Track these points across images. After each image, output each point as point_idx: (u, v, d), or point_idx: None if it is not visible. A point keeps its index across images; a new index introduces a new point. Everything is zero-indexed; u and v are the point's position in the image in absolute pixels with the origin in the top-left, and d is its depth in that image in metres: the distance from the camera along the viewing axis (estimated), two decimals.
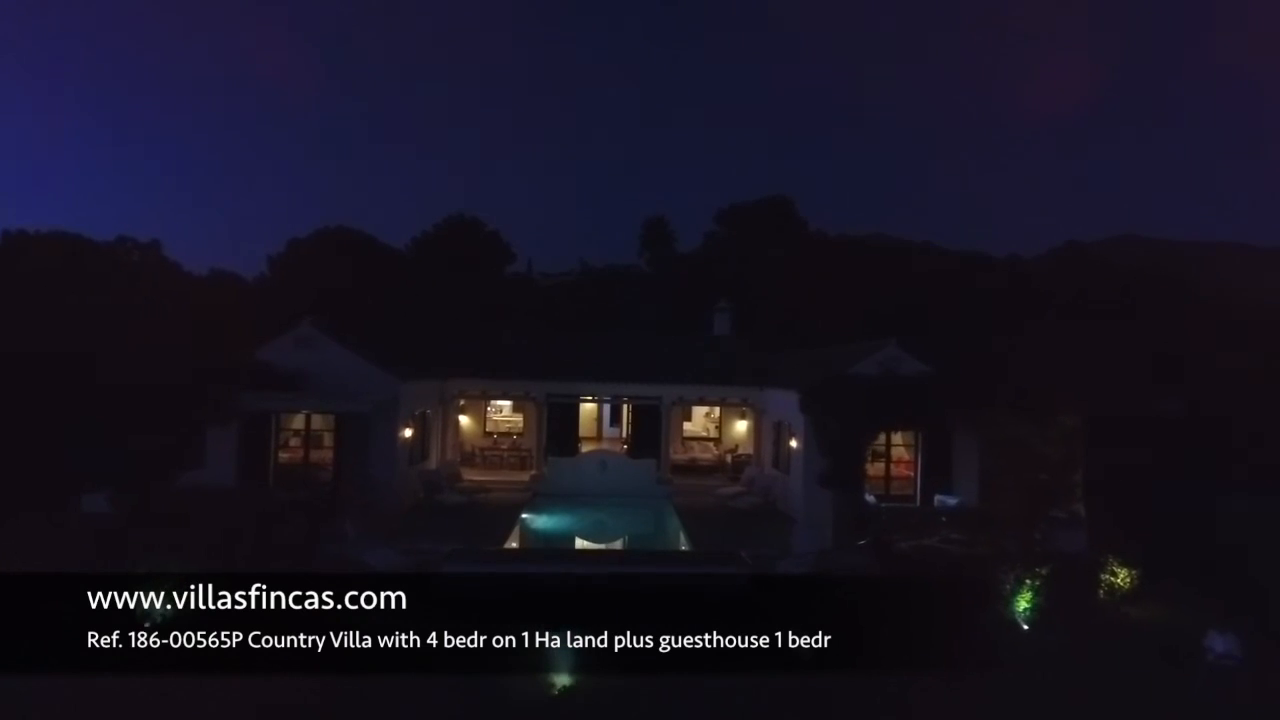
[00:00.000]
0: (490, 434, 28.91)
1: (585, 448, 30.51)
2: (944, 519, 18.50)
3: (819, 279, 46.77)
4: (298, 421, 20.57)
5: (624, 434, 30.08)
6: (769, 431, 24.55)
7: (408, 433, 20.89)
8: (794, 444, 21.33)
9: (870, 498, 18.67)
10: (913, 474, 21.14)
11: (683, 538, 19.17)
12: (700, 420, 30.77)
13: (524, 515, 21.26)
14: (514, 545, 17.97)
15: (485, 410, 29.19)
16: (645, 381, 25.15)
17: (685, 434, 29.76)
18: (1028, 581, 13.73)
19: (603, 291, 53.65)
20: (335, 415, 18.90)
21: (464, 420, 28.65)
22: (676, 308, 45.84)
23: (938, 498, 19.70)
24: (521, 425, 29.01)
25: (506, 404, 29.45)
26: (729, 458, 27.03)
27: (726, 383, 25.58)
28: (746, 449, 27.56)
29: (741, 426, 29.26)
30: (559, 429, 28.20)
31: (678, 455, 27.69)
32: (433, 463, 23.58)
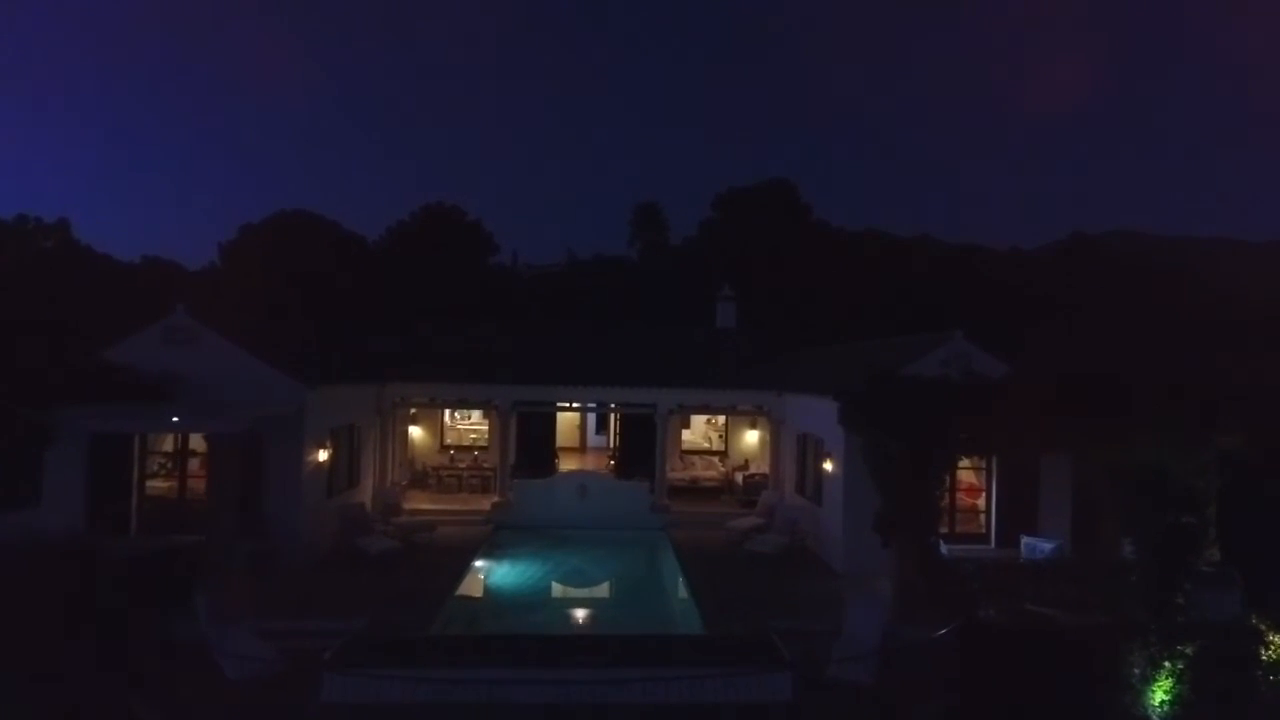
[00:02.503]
0: (448, 449, 23.84)
1: (565, 464, 25.52)
2: (1038, 570, 13.72)
3: (829, 269, 42.16)
4: (173, 443, 15.52)
5: (611, 443, 25.05)
6: (791, 446, 19.59)
7: (322, 455, 15.83)
8: (829, 466, 16.37)
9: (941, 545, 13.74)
10: (984, 506, 16.25)
11: (687, 595, 14.21)
12: (701, 428, 25.81)
13: (476, 563, 16.23)
14: (454, 616, 12.92)
15: (442, 421, 24.17)
16: (637, 385, 20.14)
17: (684, 445, 24.79)
18: (1167, 662, 10.51)
19: (591, 283, 48.83)
20: (207, 436, 13.77)
21: (415, 433, 23.59)
22: (672, 299, 41.02)
23: (1026, 540, 14.80)
24: (487, 438, 24.01)
25: (473, 412, 24.46)
26: (740, 478, 22.03)
27: (736, 385, 20.58)
28: (760, 466, 22.59)
29: (752, 437, 24.28)
30: (532, 442, 23.23)
31: (676, 473, 22.71)
32: (364, 492, 18.50)
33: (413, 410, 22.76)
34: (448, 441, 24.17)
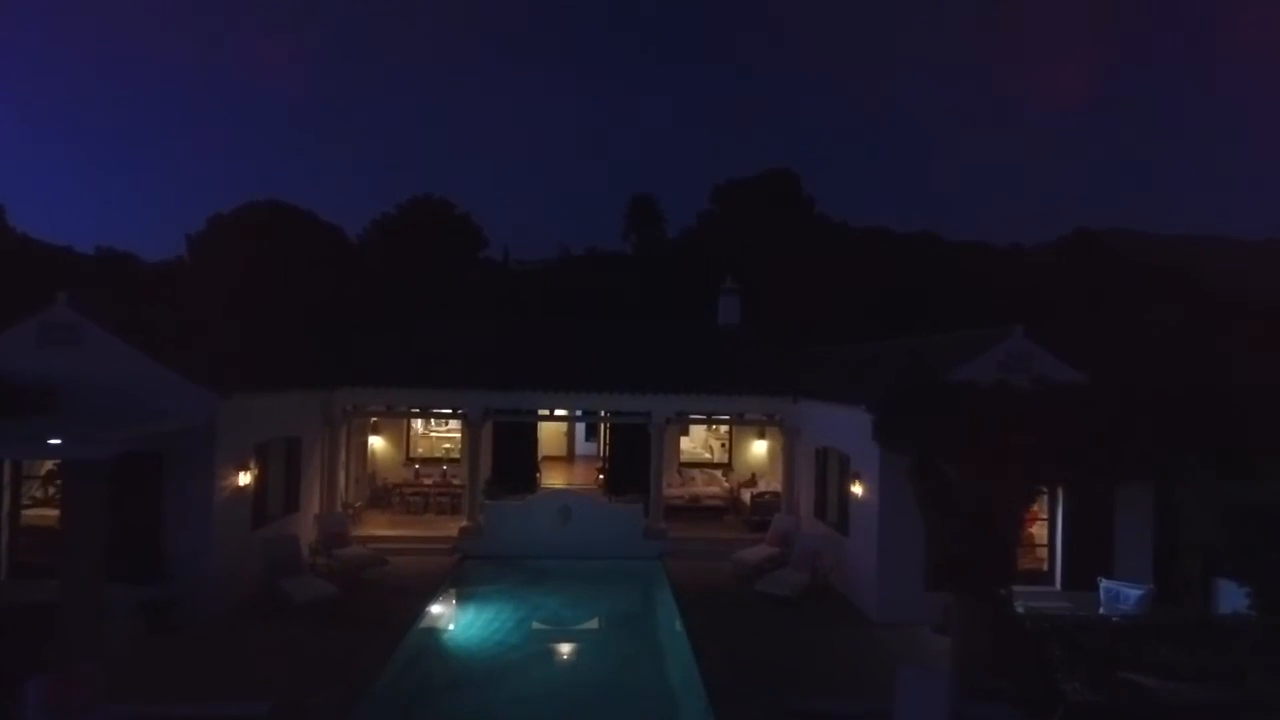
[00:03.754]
0: (415, 461, 20.98)
1: (550, 476, 22.71)
2: (1124, 625, 10.98)
3: (833, 264, 39.43)
4: (51, 466, 12.66)
5: (601, 452, 22.23)
6: (809, 462, 16.80)
7: (242, 478, 12.98)
8: (859, 489, 13.58)
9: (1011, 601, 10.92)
10: (1047, 539, 13.46)
11: (688, 653, 11.39)
12: (703, 437, 23.00)
13: (431, 609, 13.40)
14: (387, 694, 10.07)
15: (408, 429, 21.31)
16: (628, 390, 17.32)
17: (683, 457, 21.97)
18: None
19: (584, 278, 46.04)
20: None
21: (377, 444, 20.74)
22: (669, 295, 38.25)
23: (1105, 585, 12.03)
24: (460, 450, 21.16)
25: (443, 420, 21.60)
26: (747, 496, 19.21)
27: (744, 390, 17.74)
28: (770, 482, 19.79)
29: (760, 448, 21.47)
30: (509, 454, 20.39)
31: (674, 490, 19.90)
32: (302, 520, 15.63)
33: (373, 419, 19.94)
34: (416, 453, 21.32)
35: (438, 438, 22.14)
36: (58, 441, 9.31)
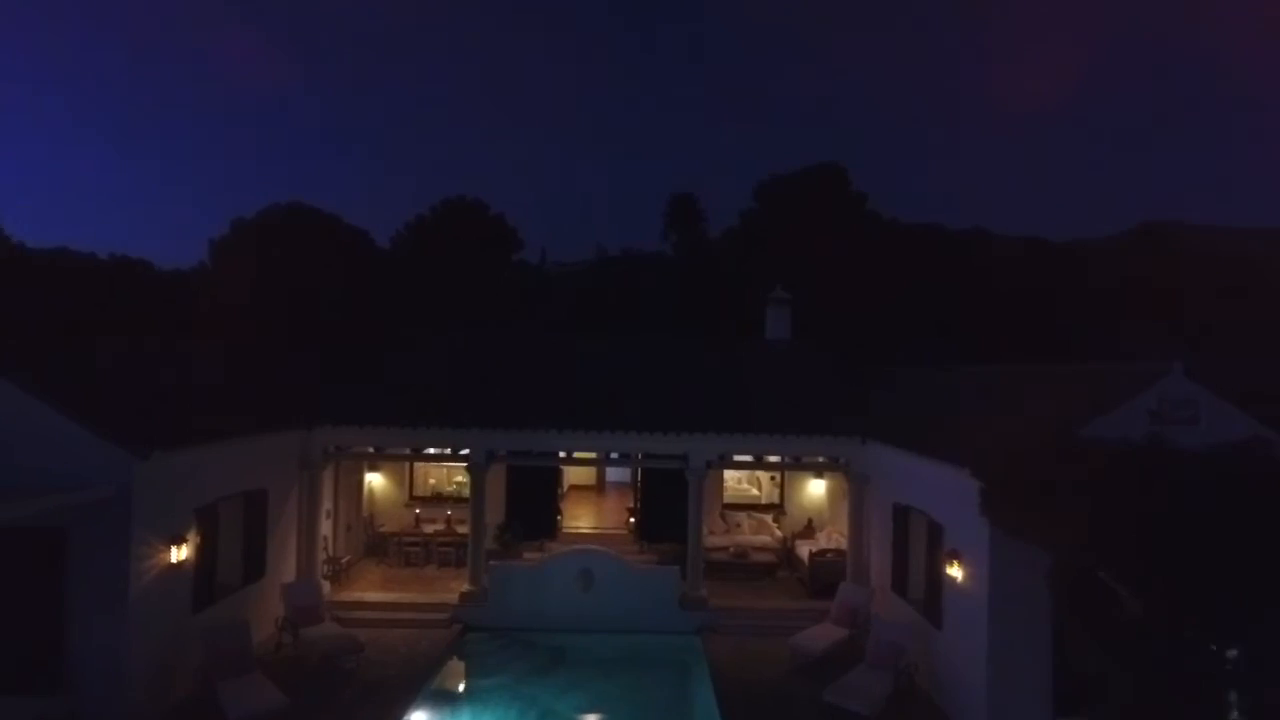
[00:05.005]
0: (418, 502, 18.32)
1: (575, 515, 19.91)
2: None
3: (889, 266, 35.95)
4: None
5: (634, 497, 19.32)
6: (883, 520, 13.66)
7: (178, 552, 10.38)
8: (959, 573, 10.43)
9: None
10: None
11: None
12: (747, 474, 19.90)
13: (414, 715, 10.64)
14: None
15: (411, 464, 18.61)
16: (664, 430, 14.39)
17: (726, 495, 18.93)
18: None
19: (620, 281, 43.20)
20: None
21: (376, 482, 18.14)
22: (710, 299, 35.26)
23: None
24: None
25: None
26: (805, 552, 16.09)
27: (800, 428, 14.61)
28: (833, 536, 16.66)
29: (817, 488, 18.35)
30: (527, 492, 17.63)
31: (716, 539, 16.94)
32: (270, 587, 13.02)
33: (369, 461, 17.32)
34: (428, 486, 18.65)
35: (449, 470, 19.43)
36: None
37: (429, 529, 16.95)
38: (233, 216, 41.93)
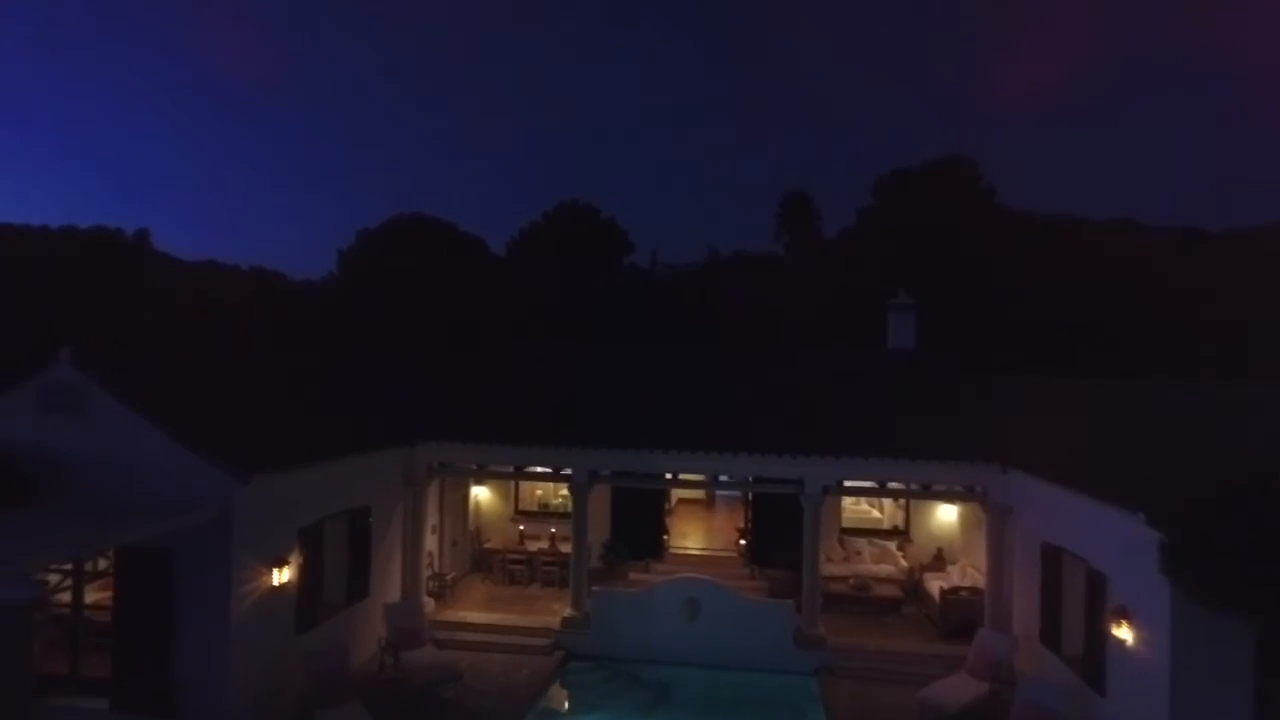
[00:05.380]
0: (523, 517, 18.01)
1: (683, 534, 19.11)
2: None
3: (1024, 264, 33.07)
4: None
5: (745, 515, 18.27)
6: (1029, 560, 12.08)
7: (279, 575, 10.29)
8: (1129, 635, 8.88)
9: None
10: None
11: None
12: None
13: None
14: None
15: (515, 482, 18.24)
16: (778, 452, 13.35)
17: (845, 517, 17.57)
18: None
19: (733, 283, 42.01)
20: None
21: (482, 495, 17.95)
22: (825, 302, 33.57)
23: None
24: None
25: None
26: (935, 587, 14.59)
27: (930, 452, 13.18)
28: (967, 570, 15.08)
29: (948, 513, 16.74)
30: (633, 510, 16.98)
31: (834, 567, 15.70)
32: (375, 606, 12.90)
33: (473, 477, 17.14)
34: (525, 506, 18.35)
35: (555, 484, 19.00)
36: None
37: (533, 546, 16.57)
38: (358, 227, 43.47)
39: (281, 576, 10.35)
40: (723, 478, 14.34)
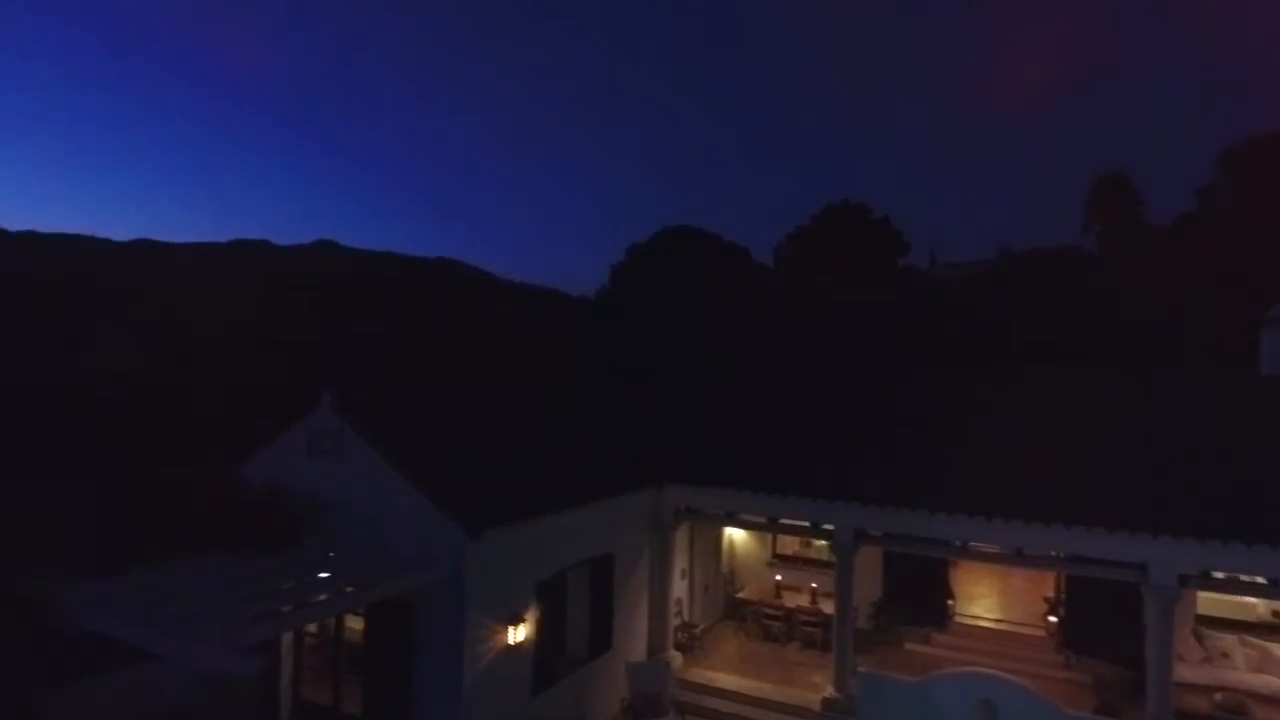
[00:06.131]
0: (780, 561, 16.29)
1: (971, 598, 16.14)
2: None
3: None
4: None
5: (1056, 582, 14.83)
6: None
7: (515, 633, 9.72)
8: None
9: None
10: None
11: None
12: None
13: None
14: None
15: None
16: (1108, 527, 10.29)
17: (1201, 606, 13.41)
18: None
19: (1028, 284, 36.43)
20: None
21: (737, 536, 16.56)
22: (1152, 315, 27.43)
23: None
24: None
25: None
26: None
27: None
28: None
29: None
30: (910, 566, 14.52)
31: (1186, 674, 11.91)
32: (616, 661, 12.02)
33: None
34: (783, 550, 16.62)
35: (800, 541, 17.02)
36: (199, 643, 6.74)
37: (791, 601, 14.80)
38: (627, 243, 44.51)
39: (517, 635, 9.77)
40: (1028, 550, 11.44)
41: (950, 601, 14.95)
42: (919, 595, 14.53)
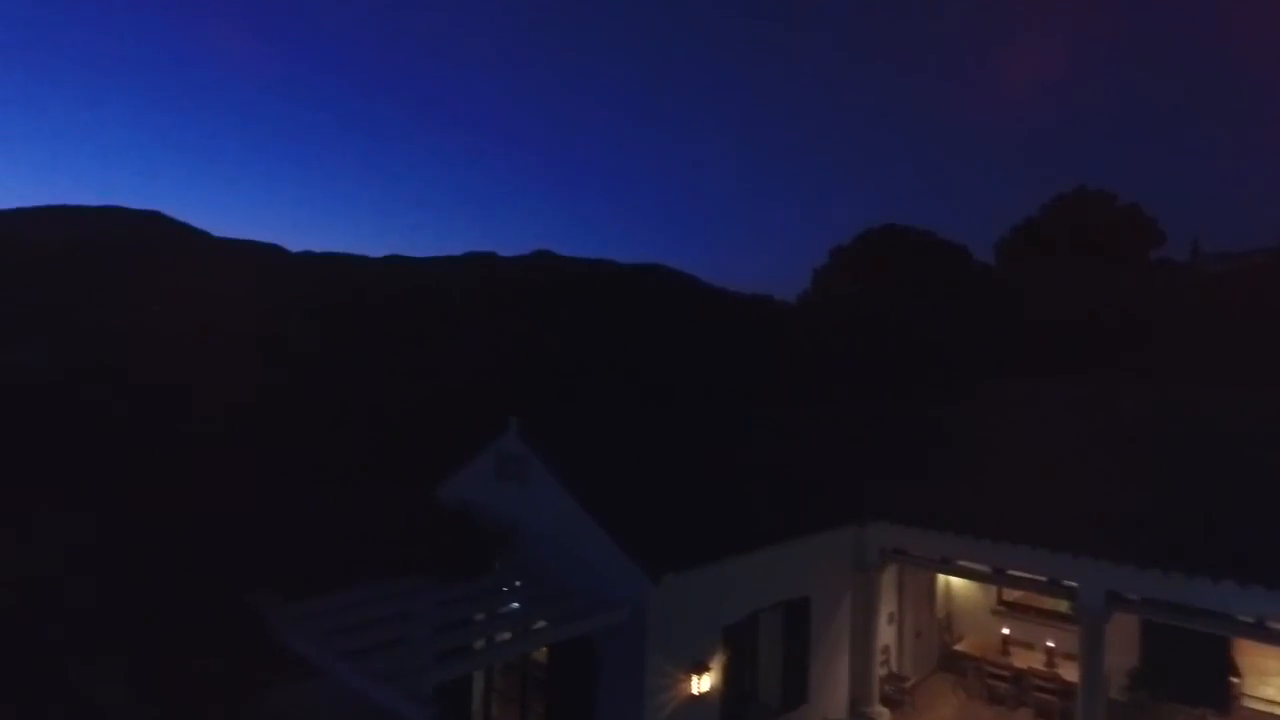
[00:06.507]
0: (1005, 609, 14.21)
1: (1260, 674, 13.12)
2: None
3: None
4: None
5: None
6: None
7: (699, 682, 9.05)
8: None
9: None
10: None
11: None
12: None
13: None
14: None
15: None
16: None
17: None
18: None
19: None
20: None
21: (954, 582, 14.70)
22: None
23: None
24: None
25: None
26: None
27: None
28: None
29: None
30: (1176, 635, 12.03)
31: None
32: (807, 715, 10.94)
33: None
34: (1011, 596, 14.52)
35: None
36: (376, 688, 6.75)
37: (1021, 662, 12.80)
38: (832, 245, 42.65)
39: (701, 684, 9.10)
40: None
41: (1235, 679, 12.17)
42: (1190, 667, 11.99)
